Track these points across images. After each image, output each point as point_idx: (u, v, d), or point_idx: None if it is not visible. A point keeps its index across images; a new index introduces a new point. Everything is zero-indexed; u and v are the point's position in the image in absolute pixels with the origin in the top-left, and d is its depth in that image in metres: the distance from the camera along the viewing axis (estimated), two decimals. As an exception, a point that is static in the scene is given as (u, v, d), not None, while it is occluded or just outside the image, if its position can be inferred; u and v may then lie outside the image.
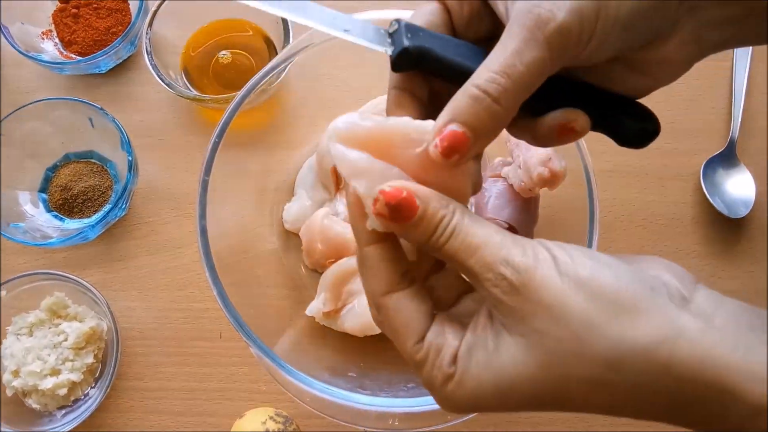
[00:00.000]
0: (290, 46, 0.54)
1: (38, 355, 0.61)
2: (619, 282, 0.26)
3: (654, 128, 0.33)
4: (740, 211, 0.67)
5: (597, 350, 0.25)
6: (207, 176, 0.51)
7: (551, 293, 0.26)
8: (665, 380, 0.25)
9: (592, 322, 0.26)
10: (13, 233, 0.63)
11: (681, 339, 0.25)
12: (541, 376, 0.26)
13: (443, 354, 0.28)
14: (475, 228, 0.28)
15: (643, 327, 0.25)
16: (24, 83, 0.74)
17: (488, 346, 0.28)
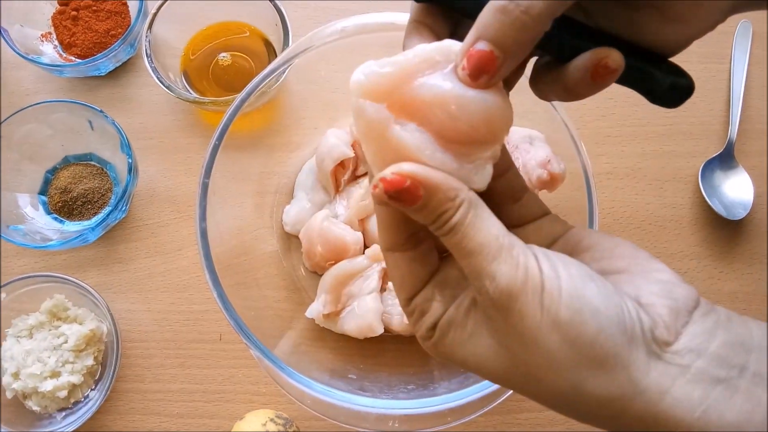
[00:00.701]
0: (290, 49, 0.54)
1: (38, 358, 0.61)
2: (598, 334, 0.26)
3: (687, 83, 0.31)
4: (738, 212, 0.67)
5: (554, 387, 0.27)
6: (207, 179, 0.51)
7: (527, 324, 0.26)
8: (611, 424, 0.27)
9: (556, 363, 0.26)
10: (13, 236, 0.63)
11: (637, 399, 0.26)
12: (503, 375, 0.28)
13: (425, 318, 0.30)
14: (475, 230, 0.27)
15: (604, 383, 0.26)
16: (23, 86, 0.74)
17: (466, 329, 0.29)
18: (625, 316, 0.26)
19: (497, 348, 0.28)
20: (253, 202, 0.66)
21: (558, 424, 0.63)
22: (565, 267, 0.27)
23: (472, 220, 0.27)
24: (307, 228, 0.62)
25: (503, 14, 0.26)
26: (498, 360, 0.28)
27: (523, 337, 0.26)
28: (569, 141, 0.53)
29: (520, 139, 0.58)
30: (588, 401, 0.26)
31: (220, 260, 0.51)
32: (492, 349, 0.28)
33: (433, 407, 0.47)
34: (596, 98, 0.75)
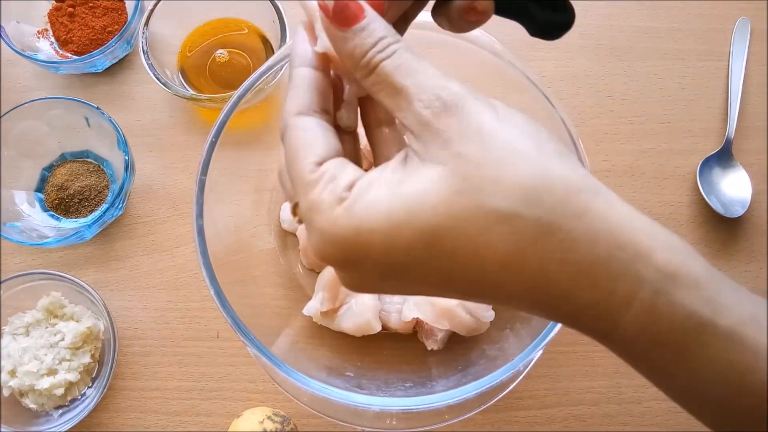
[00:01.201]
0: (287, 45, 0.54)
1: (35, 355, 0.61)
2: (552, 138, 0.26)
3: (565, 20, 0.31)
4: (736, 210, 0.67)
5: (517, 178, 0.24)
6: (204, 176, 0.51)
7: (483, 119, 0.25)
8: (577, 226, 0.24)
9: (520, 150, 0.24)
10: (9, 233, 0.63)
11: (600, 195, 0.24)
12: (446, 205, 0.24)
13: (339, 179, 0.26)
14: (417, 57, 0.26)
15: (570, 170, 0.24)
16: (19, 82, 0.73)
17: (394, 179, 0.25)
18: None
19: (442, 170, 0.24)
20: (251, 200, 0.66)
21: (555, 422, 0.63)
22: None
23: (412, 50, 0.27)
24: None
25: None
26: (444, 182, 0.24)
27: (482, 132, 0.24)
28: (567, 138, 0.53)
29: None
30: (553, 192, 0.24)
31: (217, 258, 0.50)
32: (435, 175, 0.24)
33: (431, 405, 0.47)
34: (594, 96, 0.76)
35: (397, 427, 0.52)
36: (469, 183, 0.24)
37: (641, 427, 0.63)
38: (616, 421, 0.63)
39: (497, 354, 0.55)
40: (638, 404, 0.63)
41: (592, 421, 0.63)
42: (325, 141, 0.27)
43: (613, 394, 0.64)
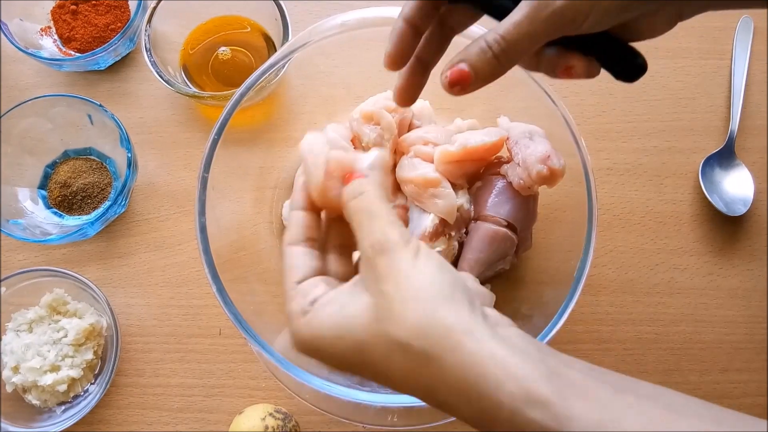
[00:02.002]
0: (289, 43, 0.54)
1: (38, 352, 0.62)
2: (453, 285, 0.33)
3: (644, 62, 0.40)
4: (739, 209, 0.67)
5: (412, 317, 0.31)
6: (206, 173, 0.51)
7: (403, 264, 0.33)
8: (449, 359, 0.31)
9: (419, 295, 0.32)
10: (13, 230, 0.63)
11: (473, 334, 0.31)
12: (368, 329, 0.33)
13: (308, 297, 0.35)
14: (379, 200, 0.36)
15: (452, 314, 0.32)
16: (23, 80, 0.74)
17: (342, 302, 0.34)
18: (472, 293, 0.34)
19: (369, 301, 0.33)
20: (253, 197, 0.66)
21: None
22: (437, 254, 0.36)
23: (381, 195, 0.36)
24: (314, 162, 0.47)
25: (481, 51, 0.37)
26: (367, 311, 0.33)
27: (399, 275, 0.33)
28: (569, 136, 0.53)
29: (519, 134, 0.58)
30: (435, 330, 0.31)
31: (220, 255, 0.51)
32: (364, 304, 0.33)
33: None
34: (597, 94, 0.76)
35: (398, 424, 0.52)
36: (383, 314, 0.32)
37: None
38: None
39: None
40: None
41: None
42: (304, 266, 0.37)
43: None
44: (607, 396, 0.30)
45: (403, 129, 0.62)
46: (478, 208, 0.59)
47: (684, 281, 0.67)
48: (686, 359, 0.66)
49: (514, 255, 0.60)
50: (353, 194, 0.36)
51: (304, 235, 0.39)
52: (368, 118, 0.60)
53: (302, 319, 0.35)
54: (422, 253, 0.34)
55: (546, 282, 0.61)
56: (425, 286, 0.32)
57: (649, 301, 0.67)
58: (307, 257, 0.38)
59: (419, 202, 0.59)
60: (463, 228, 0.60)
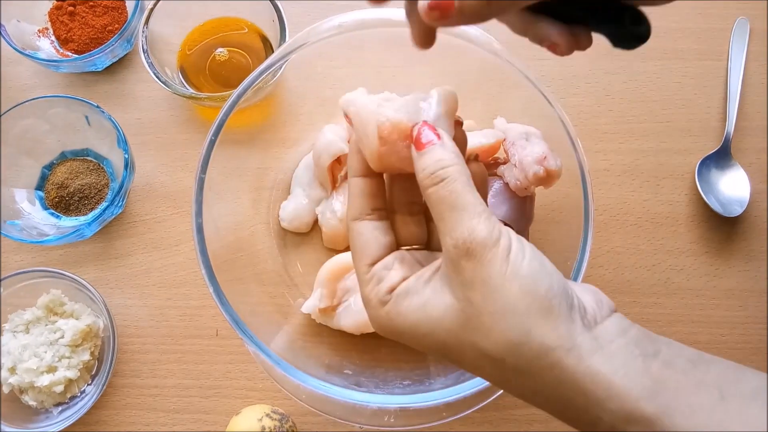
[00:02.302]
0: (286, 45, 0.54)
1: (35, 353, 0.61)
2: (549, 292, 0.31)
3: (644, 31, 0.35)
4: (735, 209, 0.67)
5: (505, 334, 0.30)
6: (203, 174, 0.51)
7: (492, 271, 0.30)
8: (547, 376, 0.30)
9: (512, 309, 0.30)
10: (10, 231, 0.63)
11: (573, 351, 0.30)
12: (454, 334, 0.31)
13: (383, 284, 0.34)
14: (464, 189, 0.32)
15: (549, 332, 0.30)
16: (20, 81, 0.74)
17: (424, 295, 0.32)
18: (569, 291, 0.31)
19: (455, 304, 0.31)
20: (250, 198, 0.66)
21: (554, 420, 0.63)
22: (529, 245, 0.32)
23: (465, 180, 0.32)
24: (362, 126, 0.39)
25: None
26: (453, 316, 0.31)
27: (487, 285, 0.30)
28: (566, 137, 0.53)
29: (516, 135, 0.58)
30: (530, 349, 0.30)
31: (217, 256, 0.51)
32: (449, 307, 0.31)
33: (429, 402, 0.47)
34: (593, 95, 0.76)
35: (395, 424, 0.52)
36: (471, 324, 0.31)
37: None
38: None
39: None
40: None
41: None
42: (375, 243, 0.35)
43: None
44: (711, 404, 0.29)
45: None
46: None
47: (680, 282, 0.67)
48: (683, 360, 0.66)
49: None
50: (433, 180, 0.32)
51: (369, 206, 0.36)
52: (365, 119, 0.60)
53: (381, 310, 0.33)
54: (514, 253, 0.31)
55: (543, 283, 0.61)
56: (518, 298, 0.30)
57: (646, 301, 0.67)
58: (377, 232, 0.35)
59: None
60: (460, 229, 0.60)
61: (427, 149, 0.33)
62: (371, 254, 0.35)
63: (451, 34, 0.54)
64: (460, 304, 0.31)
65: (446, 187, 0.32)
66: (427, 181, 0.33)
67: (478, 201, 0.32)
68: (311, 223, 0.66)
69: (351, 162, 0.37)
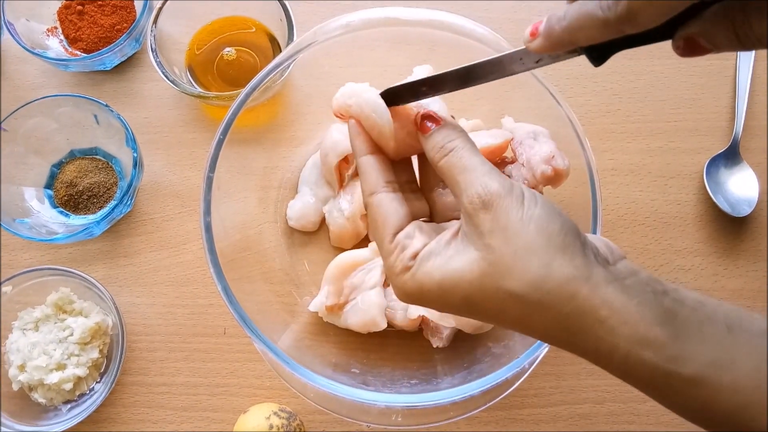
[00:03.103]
0: (294, 44, 0.54)
1: (44, 350, 0.62)
2: (563, 230, 0.33)
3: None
4: (743, 209, 0.67)
5: (527, 270, 0.32)
6: (211, 173, 0.52)
7: (509, 217, 0.33)
8: (566, 308, 0.32)
9: (531, 248, 0.32)
10: (19, 229, 0.63)
11: (589, 281, 0.32)
12: (477, 283, 0.33)
13: (407, 251, 0.35)
14: (471, 154, 0.36)
15: (567, 264, 0.32)
16: (29, 80, 0.74)
17: (446, 254, 0.34)
18: (581, 234, 0.34)
19: (476, 256, 0.33)
20: (257, 197, 0.66)
21: (560, 420, 0.63)
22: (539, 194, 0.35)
23: (470, 146, 0.36)
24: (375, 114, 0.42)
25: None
26: (475, 266, 0.33)
27: (506, 230, 0.33)
28: (574, 137, 0.53)
29: (524, 134, 0.58)
30: (552, 280, 0.32)
31: (225, 254, 0.51)
32: (472, 258, 0.33)
33: (436, 401, 0.47)
34: (601, 95, 0.75)
35: (402, 423, 0.52)
36: (494, 269, 0.33)
37: (647, 426, 0.63)
38: (621, 419, 0.63)
39: (502, 352, 0.55)
40: (644, 403, 0.63)
41: (598, 419, 0.63)
42: (395, 214, 0.37)
43: (619, 393, 0.64)
44: (720, 334, 0.31)
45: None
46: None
47: (689, 282, 0.67)
48: (690, 360, 0.65)
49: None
50: (443, 152, 0.36)
51: (383, 179, 0.38)
52: (373, 119, 0.60)
53: (406, 275, 0.35)
54: (527, 199, 0.34)
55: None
56: (536, 238, 0.32)
57: (654, 301, 0.67)
58: (395, 203, 0.37)
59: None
60: (467, 228, 0.60)
61: (433, 130, 0.37)
62: (393, 224, 0.37)
63: (459, 33, 0.54)
64: (482, 253, 0.33)
65: (455, 155, 0.36)
66: (438, 155, 0.36)
67: (486, 162, 0.35)
68: (318, 222, 0.66)
69: (356, 143, 0.40)
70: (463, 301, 0.34)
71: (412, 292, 0.35)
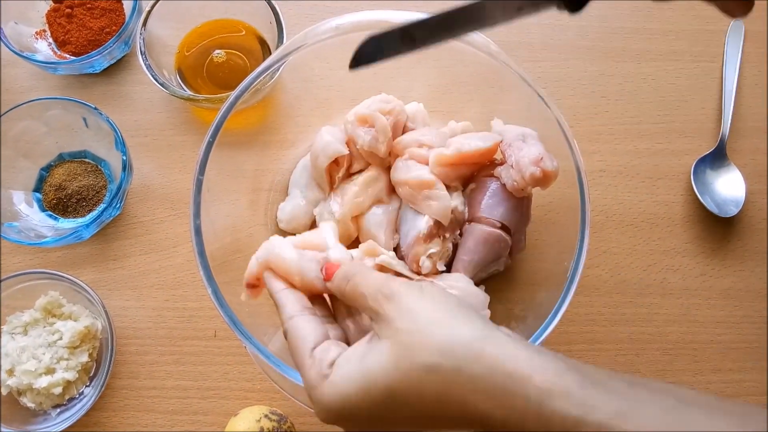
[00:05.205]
0: (284, 47, 0.55)
1: (33, 354, 0.62)
2: (459, 303, 0.37)
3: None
4: (730, 210, 0.67)
5: (434, 340, 0.34)
6: (201, 176, 0.51)
7: (410, 299, 0.36)
8: (477, 367, 0.33)
9: (433, 320, 0.35)
10: (8, 233, 0.63)
11: (491, 340, 0.34)
12: (393, 367, 0.34)
13: (324, 361, 0.37)
14: (369, 272, 0.40)
15: (468, 328, 0.35)
16: (18, 83, 0.74)
17: (360, 354, 0.36)
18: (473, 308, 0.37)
19: (388, 343, 0.35)
20: (248, 200, 0.66)
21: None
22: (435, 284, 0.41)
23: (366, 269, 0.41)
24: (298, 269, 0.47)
25: None
26: (390, 350, 0.35)
27: (411, 312, 0.36)
28: (562, 139, 0.53)
29: (513, 137, 0.58)
30: (458, 345, 0.34)
31: (215, 257, 0.51)
32: (384, 347, 0.35)
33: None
34: (589, 96, 0.76)
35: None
36: (405, 347, 0.34)
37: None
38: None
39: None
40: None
41: None
42: (313, 333, 0.39)
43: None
44: (623, 388, 0.32)
45: (398, 131, 0.62)
46: (472, 210, 0.60)
47: (676, 282, 0.68)
48: (679, 360, 0.66)
49: (507, 256, 0.60)
50: (344, 282, 0.41)
51: (301, 305, 0.42)
52: (363, 121, 0.61)
53: (324, 383, 0.36)
54: (424, 286, 0.37)
55: (539, 283, 0.62)
56: (436, 311, 0.36)
57: (642, 301, 0.67)
58: (313, 323, 0.40)
59: (414, 204, 0.60)
60: (457, 230, 0.60)
61: (335, 274, 0.42)
62: (311, 341, 0.39)
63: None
64: (393, 338, 0.35)
65: (356, 278, 0.40)
66: (339, 290, 0.41)
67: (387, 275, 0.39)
68: (309, 225, 0.66)
69: (272, 285, 0.45)
70: (385, 397, 0.34)
71: (331, 404, 0.36)
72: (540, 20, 0.75)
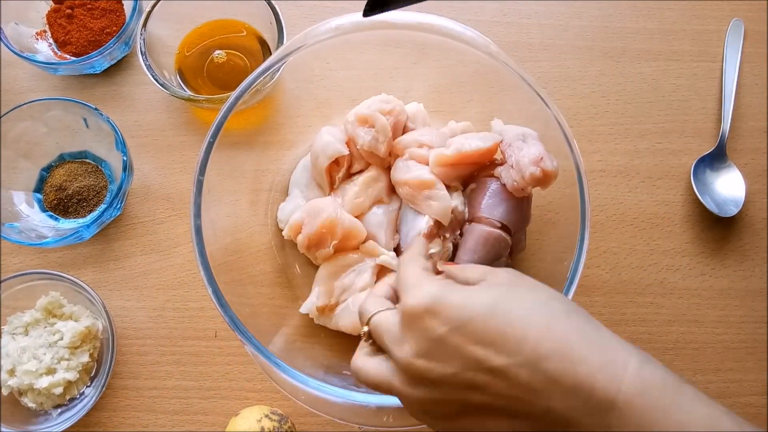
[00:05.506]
0: (284, 47, 0.55)
1: (34, 355, 0.62)
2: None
3: None
4: (730, 210, 0.68)
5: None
6: (201, 176, 0.52)
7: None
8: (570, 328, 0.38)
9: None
10: (9, 233, 0.63)
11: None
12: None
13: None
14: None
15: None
16: (18, 83, 0.74)
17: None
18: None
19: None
20: (248, 200, 0.66)
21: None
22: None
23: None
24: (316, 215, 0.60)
25: None
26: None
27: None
28: (562, 139, 0.53)
29: (513, 137, 0.58)
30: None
31: (215, 257, 0.51)
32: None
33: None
34: (590, 96, 0.76)
35: (393, 424, 0.52)
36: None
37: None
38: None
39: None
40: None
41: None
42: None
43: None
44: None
45: (398, 131, 0.62)
46: (472, 210, 0.60)
47: (676, 282, 0.68)
48: (679, 359, 0.66)
49: (508, 256, 0.60)
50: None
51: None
52: (363, 121, 0.61)
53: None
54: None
55: (540, 283, 0.62)
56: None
57: (642, 301, 0.67)
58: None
59: (414, 204, 0.60)
60: (457, 230, 0.60)
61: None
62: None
63: (449, 37, 0.55)
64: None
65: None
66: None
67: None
68: (309, 225, 0.66)
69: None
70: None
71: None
72: (540, 20, 0.75)
